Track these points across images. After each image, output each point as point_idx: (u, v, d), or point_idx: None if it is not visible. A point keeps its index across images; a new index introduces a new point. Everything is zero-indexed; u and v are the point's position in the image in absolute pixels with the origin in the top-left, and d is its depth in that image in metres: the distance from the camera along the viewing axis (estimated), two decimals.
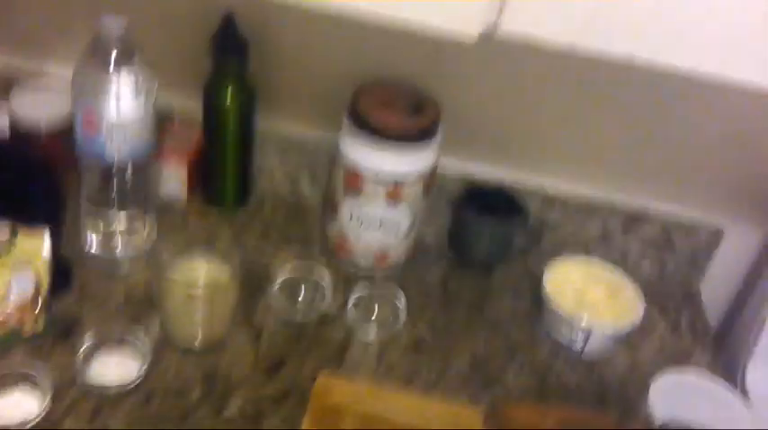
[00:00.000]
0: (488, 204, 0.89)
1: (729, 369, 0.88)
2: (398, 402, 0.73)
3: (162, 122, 0.93)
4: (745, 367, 0.86)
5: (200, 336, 0.75)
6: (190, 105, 0.90)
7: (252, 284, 0.83)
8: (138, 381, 0.71)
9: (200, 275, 0.75)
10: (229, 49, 0.83)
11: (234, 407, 0.71)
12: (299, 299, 0.83)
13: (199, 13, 0.85)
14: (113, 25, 0.69)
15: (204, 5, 0.84)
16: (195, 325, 0.74)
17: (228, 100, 0.85)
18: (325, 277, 0.84)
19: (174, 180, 0.91)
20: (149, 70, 0.74)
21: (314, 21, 0.85)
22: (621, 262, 0.94)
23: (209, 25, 0.81)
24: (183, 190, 0.92)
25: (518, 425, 0.73)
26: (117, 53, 0.70)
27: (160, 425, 0.68)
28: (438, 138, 0.82)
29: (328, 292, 0.83)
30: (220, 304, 0.75)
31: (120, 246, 0.82)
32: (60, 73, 0.92)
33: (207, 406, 0.71)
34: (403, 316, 0.83)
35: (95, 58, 0.71)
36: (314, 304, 0.83)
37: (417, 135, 0.80)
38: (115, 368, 0.71)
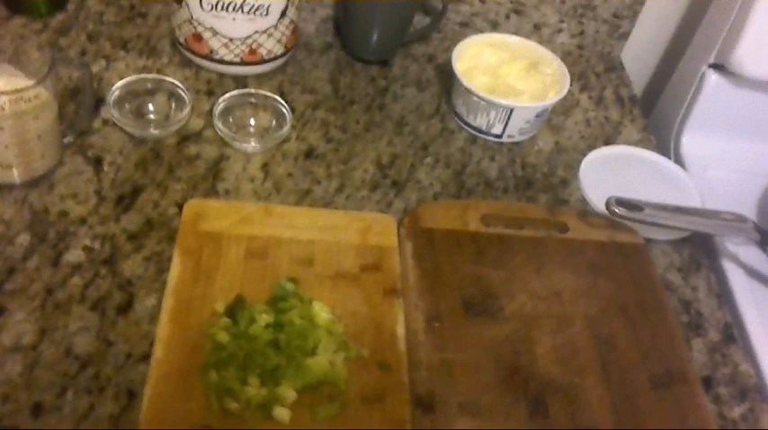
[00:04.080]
0: None
1: (660, 139, 0.79)
2: (295, 219, 0.59)
3: None
4: (678, 134, 0.77)
5: (16, 167, 0.56)
6: None
7: (81, 100, 0.63)
8: None
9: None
10: None
11: (77, 251, 0.54)
12: (150, 112, 0.65)
13: None
14: None
15: None
16: (4, 151, 0.55)
17: None
18: (180, 82, 0.66)
19: None
20: None
21: None
22: (536, 35, 0.81)
23: None
24: None
25: (438, 226, 0.61)
26: None
27: None
28: None
29: (187, 100, 0.65)
30: (35, 123, 0.55)
31: None
32: None
33: (40, 253, 0.53)
34: (288, 121, 0.66)
35: None
36: (169, 118, 0.65)
37: None
38: None
